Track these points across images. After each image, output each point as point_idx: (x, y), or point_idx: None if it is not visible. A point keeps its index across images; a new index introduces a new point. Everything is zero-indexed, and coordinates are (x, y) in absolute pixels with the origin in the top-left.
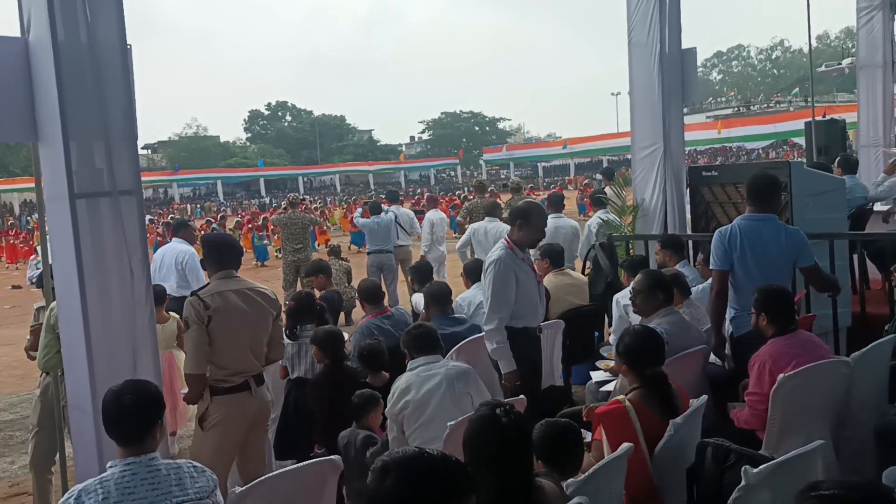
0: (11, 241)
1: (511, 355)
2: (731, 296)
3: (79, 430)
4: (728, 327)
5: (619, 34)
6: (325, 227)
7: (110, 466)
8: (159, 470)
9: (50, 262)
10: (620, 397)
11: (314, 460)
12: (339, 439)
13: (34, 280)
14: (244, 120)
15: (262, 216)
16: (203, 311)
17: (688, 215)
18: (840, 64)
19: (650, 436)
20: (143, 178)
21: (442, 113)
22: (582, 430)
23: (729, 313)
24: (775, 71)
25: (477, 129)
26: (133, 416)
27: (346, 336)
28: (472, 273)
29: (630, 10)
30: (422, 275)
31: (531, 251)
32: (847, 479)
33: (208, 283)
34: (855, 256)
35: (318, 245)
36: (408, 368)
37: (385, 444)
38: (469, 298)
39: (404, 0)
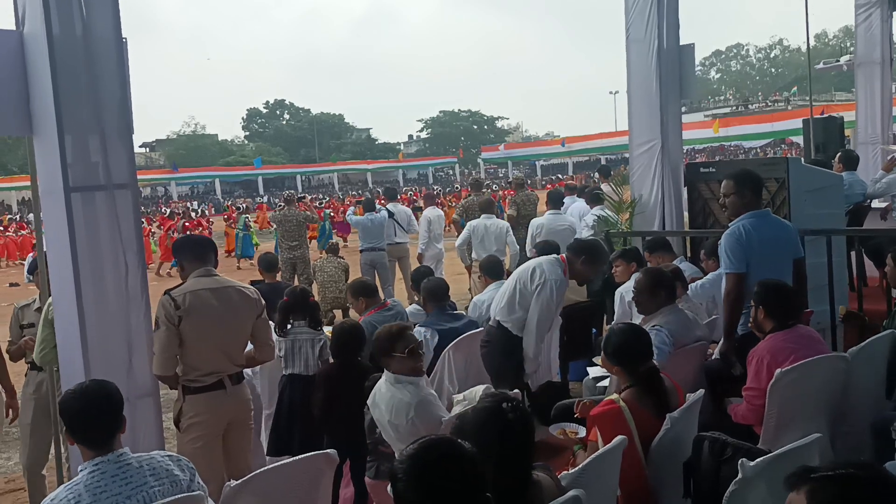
0: (13, 236)
1: None
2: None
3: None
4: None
5: (618, 33)
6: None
7: (80, 470)
8: (129, 464)
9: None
10: (614, 397)
11: (309, 454)
12: None
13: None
14: (242, 118)
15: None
16: (173, 312)
17: (685, 212)
18: (838, 61)
19: (646, 434)
20: (141, 177)
21: (440, 111)
22: (577, 426)
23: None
24: (774, 70)
25: (475, 127)
26: (98, 419)
27: None
28: (492, 271)
29: (628, 6)
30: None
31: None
32: (843, 461)
33: (183, 282)
34: (853, 253)
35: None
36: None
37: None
38: (487, 301)
39: (400, 0)
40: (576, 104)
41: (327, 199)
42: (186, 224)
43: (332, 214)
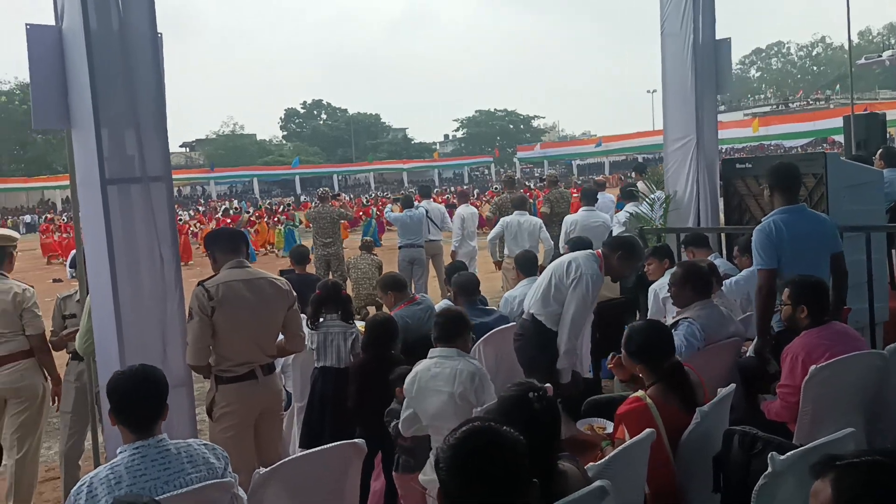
0: (55, 236)
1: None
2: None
3: (108, 414)
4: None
5: (655, 31)
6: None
7: (120, 452)
8: (168, 450)
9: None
10: (640, 394)
11: (338, 443)
12: None
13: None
14: (280, 118)
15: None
16: (206, 303)
17: (721, 208)
18: (881, 56)
19: (674, 428)
20: (180, 176)
21: (476, 111)
22: (604, 421)
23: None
24: (815, 68)
25: (511, 127)
26: (143, 403)
27: None
28: (526, 267)
29: (663, 0)
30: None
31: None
32: (868, 449)
33: (216, 274)
34: (894, 251)
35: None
36: (429, 355)
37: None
38: (519, 297)
39: (437, 1)
40: (613, 103)
41: (373, 196)
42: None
43: (378, 214)
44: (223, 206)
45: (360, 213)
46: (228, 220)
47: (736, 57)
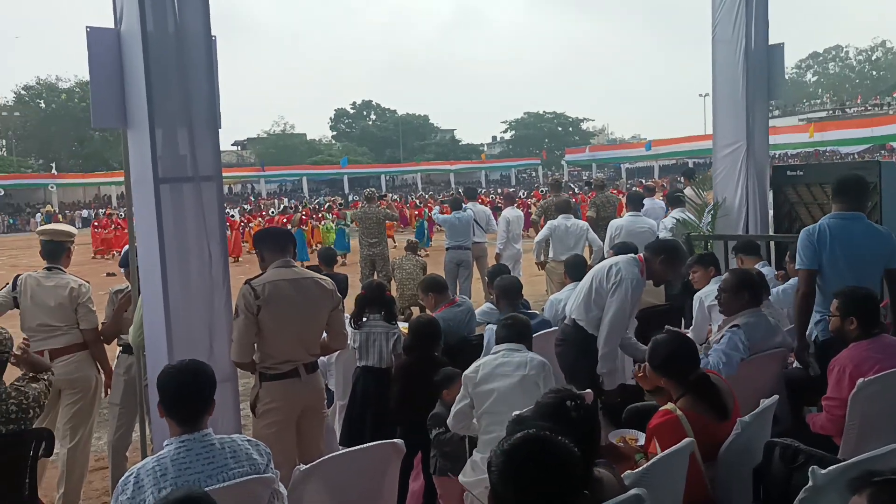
0: (105, 232)
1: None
2: (818, 298)
3: (157, 406)
4: (812, 331)
5: (707, 34)
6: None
7: (166, 444)
8: (213, 444)
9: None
10: (670, 406)
11: (377, 442)
12: None
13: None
14: (330, 118)
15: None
16: (253, 301)
17: (770, 215)
18: None
19: (708, 437)
20: (231, 174)
21: (525, 113)
22: (636, 432)
23: (814, 317)
24: (875, 73)
25: (560, 129)
26: (192, 397)
27: None
28: (574, 271)
29: (715, 5)
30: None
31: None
32: None
33: (263, 272)
34: None
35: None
36: (493, 351)
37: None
38: (564, 300)
39: (487, 2)
40: (664, 107)
41: (429, 195)
42: (303, 217)
43: (430, 215)
44: (282, 205)
45: (414, 214)
46: (285, 219)
47: (792, 61)
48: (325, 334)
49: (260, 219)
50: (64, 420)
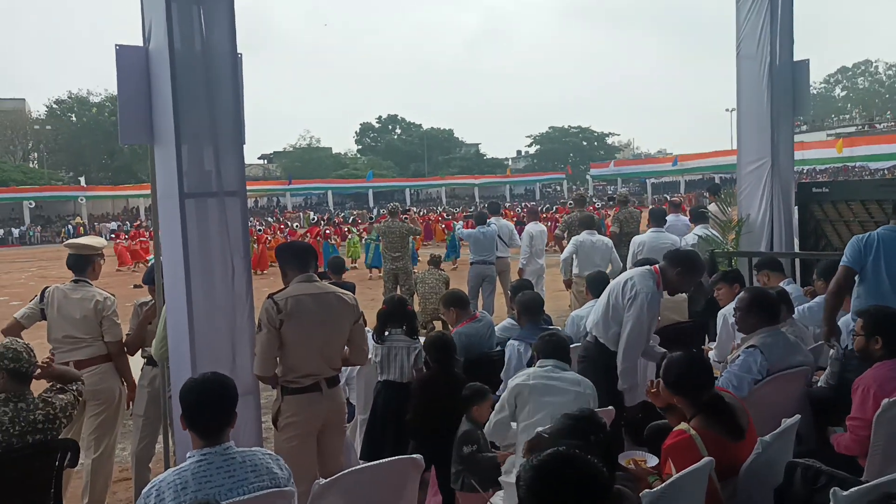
0: (129, 244)
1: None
2: (854, 304)
3: (180, 418)
4: (844, 340)
5: (732, 49)
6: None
7: (188, 457)
8: (234, 458)
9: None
10: (684, 426)
11: (397, 457)
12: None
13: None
14: (355, 132)
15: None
16: (275, 315)
17: (796, 233)
18: None
19: (724, 456)
20: (257, 187)
21: (549, 127)
22: (645, 453)
23: (848, 325)
24: None
25: (584, 143)
26: (214, 410)
27: None
28: (596, 287)
29: (739, 21)
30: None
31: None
32: None
33: (286, 287)
34: None
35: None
36: (538, 365)
37: (480, 447)
38: (586, 316)
39: (512, 17)
40: (690, 122)
41: (460, 209)
42: (327, 231)
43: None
44: (310, 217)
45: (441, 228)
46: (317, 233)
47: (820, 75)
48: (346, 348)
49: (279, 232)
50: (88, 431)
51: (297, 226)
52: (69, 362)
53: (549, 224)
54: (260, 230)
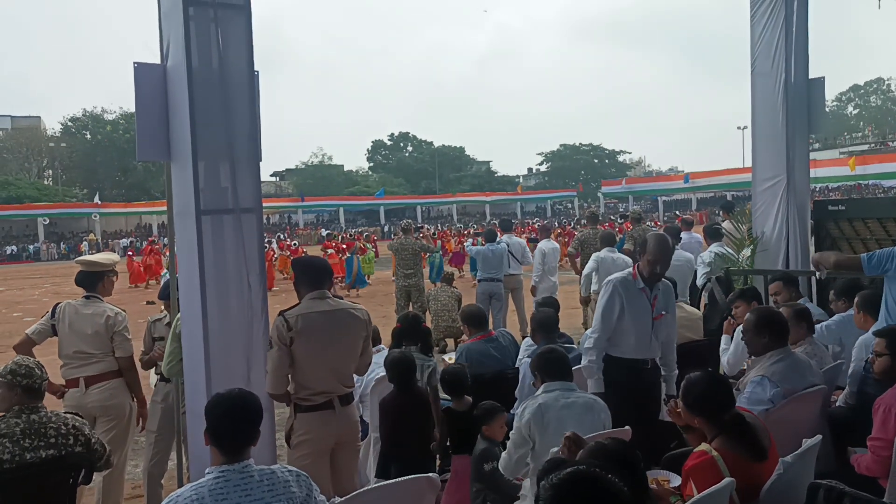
0: (142, 259)
1: (600, 378)
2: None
3: (194, 434)
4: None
5: (746, 66)
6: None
7: (207, 473)
8: (252, 476)
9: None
10: (705, 447)
11: (411, 476)
12: None
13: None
14: (367, 150)
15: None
16: (286, 333)
17: (811, 251)
18: None
19: (744, 479)
20: (270, 205)
21: (561, 145)
22: (668, 473)
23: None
24: None
25: (596, 161)
26: (240, 427)
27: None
28: None
29: (754, 39)
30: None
31: None
32: None
33: (298, 304)
34: None
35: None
36: (541, 391)
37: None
38: None
39: (523, 37)
40: (702, 139)
41: (481, 225)
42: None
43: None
44: (324, 233)
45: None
46: (344, 246)
47: (833, 93)
48: None
49: (287, 250)
50: None
51: (296, 244)
52: (79, 378)
53: (570, 239)
54: (265, 247)
